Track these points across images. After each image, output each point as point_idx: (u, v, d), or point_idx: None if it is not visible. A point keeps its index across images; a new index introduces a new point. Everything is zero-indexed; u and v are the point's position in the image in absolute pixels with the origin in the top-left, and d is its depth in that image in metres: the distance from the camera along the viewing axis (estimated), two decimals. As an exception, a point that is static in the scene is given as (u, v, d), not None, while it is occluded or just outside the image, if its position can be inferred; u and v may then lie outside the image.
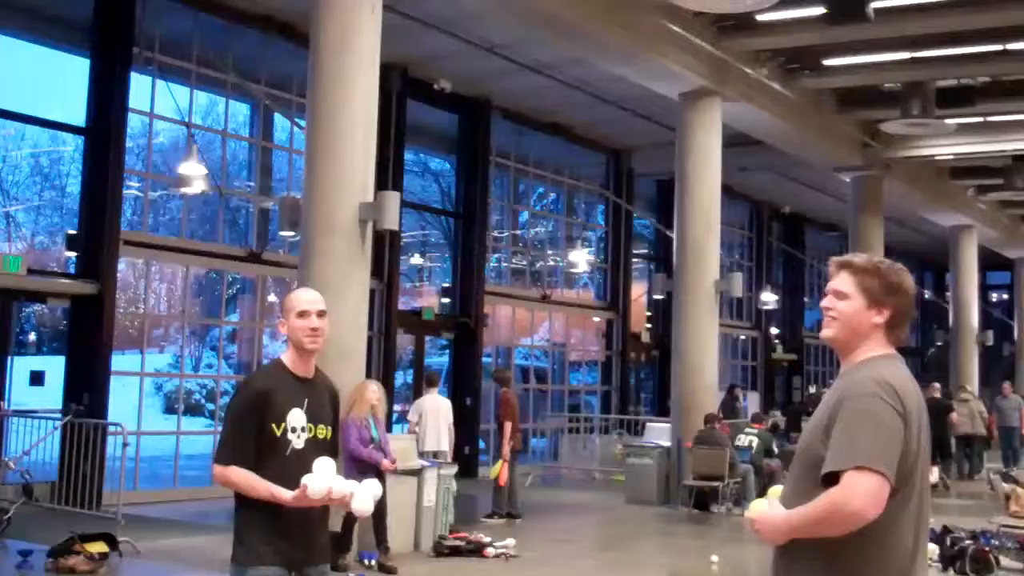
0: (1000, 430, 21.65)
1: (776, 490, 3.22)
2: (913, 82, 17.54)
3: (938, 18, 14.79)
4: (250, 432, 3.94)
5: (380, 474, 9.95)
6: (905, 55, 16.59)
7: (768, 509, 3.10)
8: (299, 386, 4.05)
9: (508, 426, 13.37)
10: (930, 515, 3.14)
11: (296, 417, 4.01)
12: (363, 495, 4.01)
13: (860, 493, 2.83)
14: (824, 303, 3.18)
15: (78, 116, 14.27)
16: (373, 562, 10.11)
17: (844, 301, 3.12)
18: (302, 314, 4.06)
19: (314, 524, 4.05)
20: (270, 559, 3.93)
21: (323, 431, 4.09)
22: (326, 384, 4.22)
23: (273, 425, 3.96)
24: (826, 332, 3.18)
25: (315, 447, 4.03)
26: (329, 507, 4.08)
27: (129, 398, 14.76)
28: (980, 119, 19.83)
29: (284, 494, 3.87)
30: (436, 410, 12.99)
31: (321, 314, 4.09)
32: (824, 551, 2.94)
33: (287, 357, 4.11)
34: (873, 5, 13.52)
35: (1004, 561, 10.32)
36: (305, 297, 4.16)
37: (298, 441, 4.00)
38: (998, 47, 16.04)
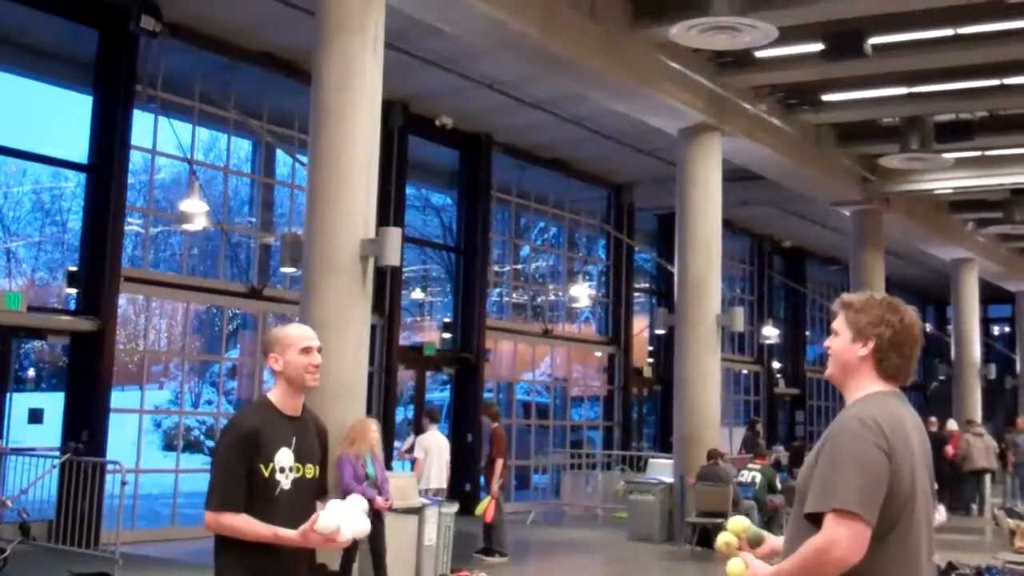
0: (1015, 466, 21.52)
1: (736, 524, 3.21)
2: (911, 117, 17.63)
3: (935, 53, 14.86)
4: (241, 474, 3.84)
5: (376, 512, 9.91)
6: (903, 90, 16.66)
7: (751, 566, 3.08)
8: (288, 425, 3.97)
9: (499, 463, 13.28)
10: (934, 551, 3.12)
11: (284, 457, 3.92)
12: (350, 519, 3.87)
13: (840, 539, 2.85)
14: (825, 343, 3.28)
15: (80, 153, 14.32)
16: (374, 601, 10.03)
17: (835, 338, 3.19)
18: (306, 351, 4.00)
19: (301, 570, 3.97)
20: None
21: (311, 470, 4.01)
22: (314, 421, 4.15)
23: (262, 466, 3.87)
24: (827, 371, 3.27)
25: (302, 487, 3.97)
26: (315, 551, 3.98)
27: (128, 435, 14.70)
28: (978, 153, 19.86)
29: (289, 533, 3.79)
30: (440, 447, 12.97)
31: (319, 350, 4.09)
32: None
33: (275, 395, 4.02)
34: (870, 41, 13.60)
35: (1009, 598, 10.23)
36: (306, 333, 4.11)
37: (286, 482, 3.91)
38: (995, 82, 16.10)
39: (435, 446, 12.89)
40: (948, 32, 14.31)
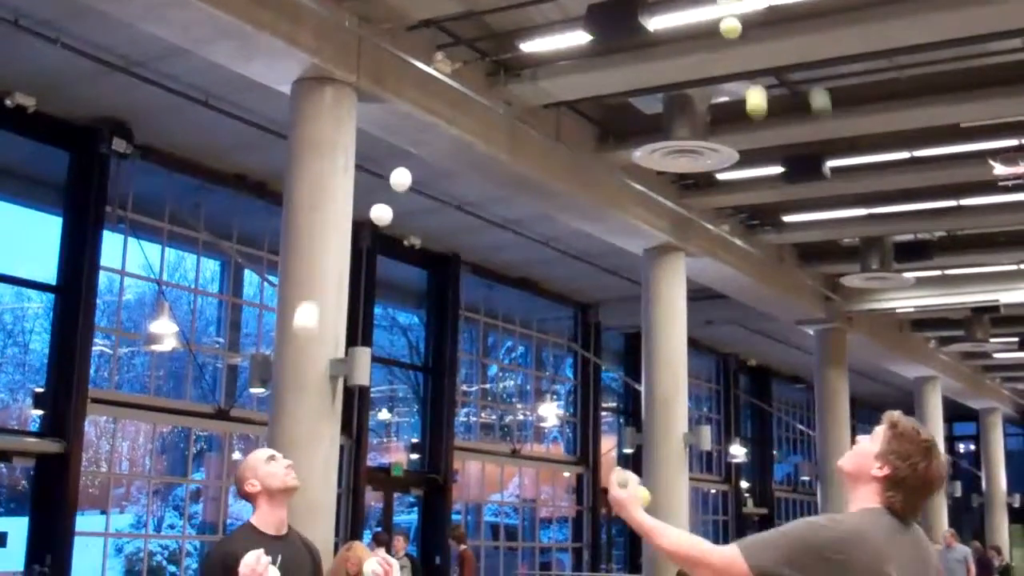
0: None
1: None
2: (871, 237, 17.97)
3: (892, 176, 15.25)
4: None
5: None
6: (862, 211, 17.02)
7: (630, 498, 3.18)
8: (272, 544, 3.94)
9: (469, 585, 13.14)
10: None
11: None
12: None
13: (718, 558, 2.97)
14: (858, 436, 3.28)
15: (49, 274, 14.29)
16: None
17: (868, 441, 3.17)
18: (271, 459, 4.09)
19: None
20: None
21: None
22: (302, 540, 4.16)
23: None
24: (841, 460, 3.26)
25: None
26: None
27: (91, 560, 14.40)
28: (938, 272, 20.22)
29: None
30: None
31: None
32: None
33: (257, 517, 4.04)
34: (829, 164, 13.95)
35: None
36: (264, 449, 4.22)
37: None
38: (952, 203, 16.49)
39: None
40: (904, 155, 14.72)
